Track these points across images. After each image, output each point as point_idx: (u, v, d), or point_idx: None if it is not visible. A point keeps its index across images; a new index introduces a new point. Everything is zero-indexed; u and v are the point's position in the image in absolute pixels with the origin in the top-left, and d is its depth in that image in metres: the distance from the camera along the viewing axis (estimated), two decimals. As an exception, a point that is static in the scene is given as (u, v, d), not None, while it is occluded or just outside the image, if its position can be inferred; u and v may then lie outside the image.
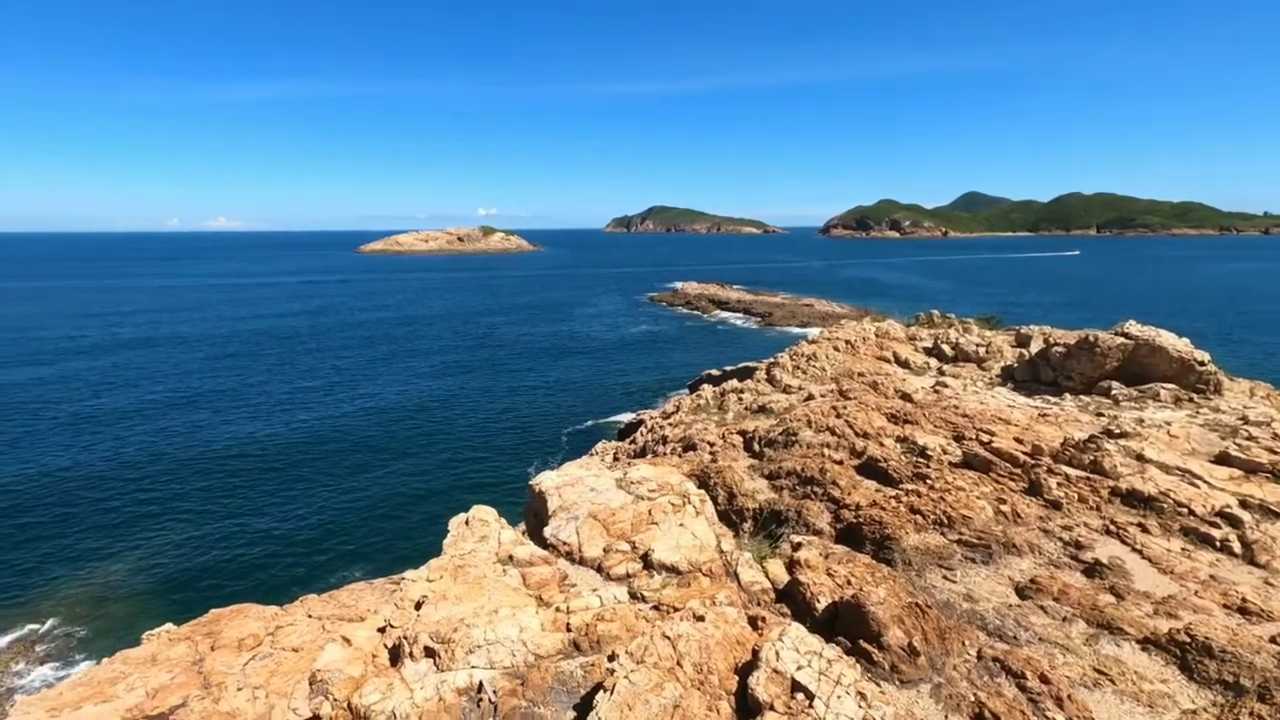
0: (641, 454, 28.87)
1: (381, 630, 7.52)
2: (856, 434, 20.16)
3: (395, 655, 6.99)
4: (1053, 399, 24.26)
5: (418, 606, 7.49)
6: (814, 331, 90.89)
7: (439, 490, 46.97)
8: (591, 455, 38.54)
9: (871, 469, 17.26)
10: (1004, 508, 14.21)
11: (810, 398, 27.90)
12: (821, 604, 8.26)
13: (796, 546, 10.36)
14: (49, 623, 32.02)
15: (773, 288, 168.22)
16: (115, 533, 39.77)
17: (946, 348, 33.12)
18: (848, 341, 35.68)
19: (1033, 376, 26.97)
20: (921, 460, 17.40)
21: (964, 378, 28.60)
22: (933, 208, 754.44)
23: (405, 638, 6.91)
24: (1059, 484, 15.14)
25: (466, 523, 9.87)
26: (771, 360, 36.55)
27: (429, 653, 6.74)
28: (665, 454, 25.12)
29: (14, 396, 68.51)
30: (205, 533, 40.05)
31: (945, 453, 17.87)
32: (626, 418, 57.09)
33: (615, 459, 30.57)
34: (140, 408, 64.29)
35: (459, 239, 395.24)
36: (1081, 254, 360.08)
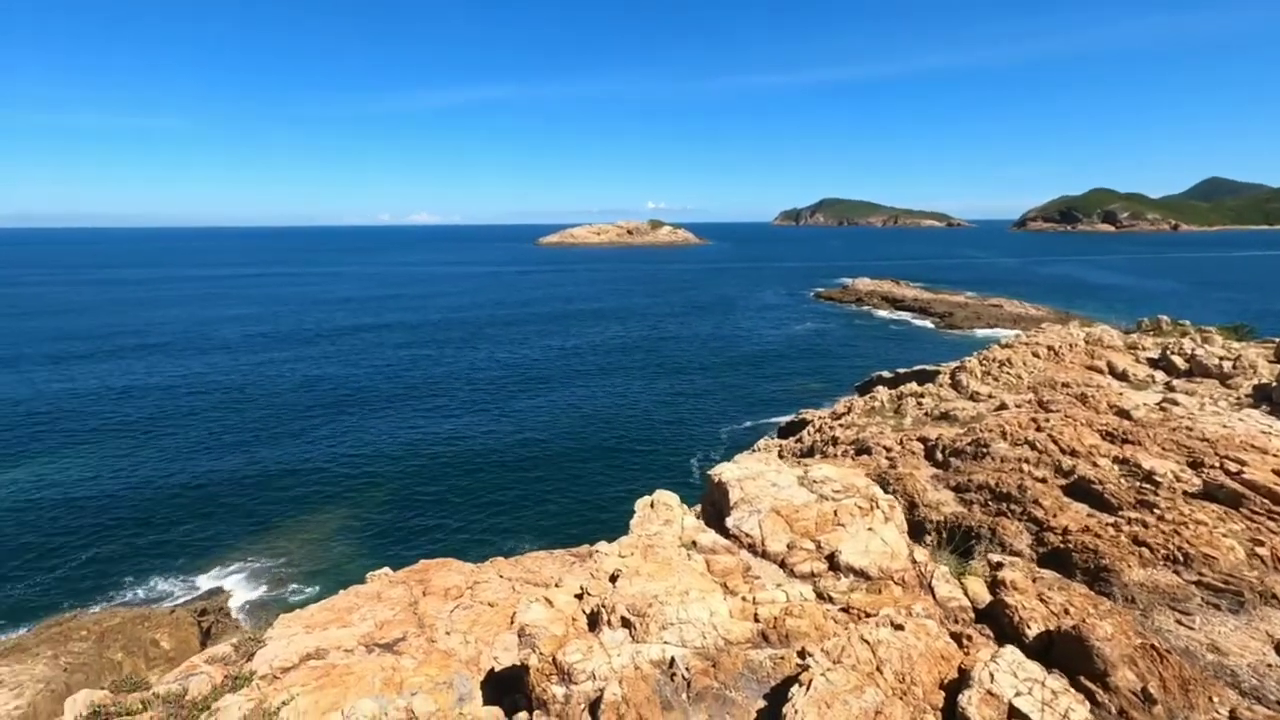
0: (809, 453, 28.10)
1: (578, 597, 8.08)
2: (1062, 450, 18.04)
3: (593, 621, 7.47)
4: (1328, 427, 19.99)
5: (613, 579, 7.95)
6: (1004, 334, 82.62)
7: (603, 476, 49.30)
8: (754, 451, 38.21)
9: (1082, 491, 15.38)
10: (1260, 550, 12.01)
11: (1003, 407, 25.42)
12: (1032, 631, 7.57)
13: (997, 566, 9.56)
14: (284, 558, 38.35)
15: (955, 286, 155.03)
16: (331, 491, 46.46)
17: (1178, 360, 28.50)
18: (1050, 347, 31.97)
19: (1300, 398, 22.41)
20: (1147, 486, 15.19)
21: (1201, 396, 24.44)
22: (1159, 197, 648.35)
23: (603, 606, 7.37)
24: (1340, 530, 12.49)
25: (651, 505, 10.27)
26: (957, 364, 33.77)
27: (625, 623, 7.13)
28: (836, 456, 24.25)
29: (269, 373, 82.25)
30: (401, 496, 45.48)
31: (1178, 480, 15.45)
32: (787, 418, 55.90)
33: (780, 457, 30.05)
34: (351, 388, 73.99)
35: (628, 232, 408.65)
36: None
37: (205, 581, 36.29)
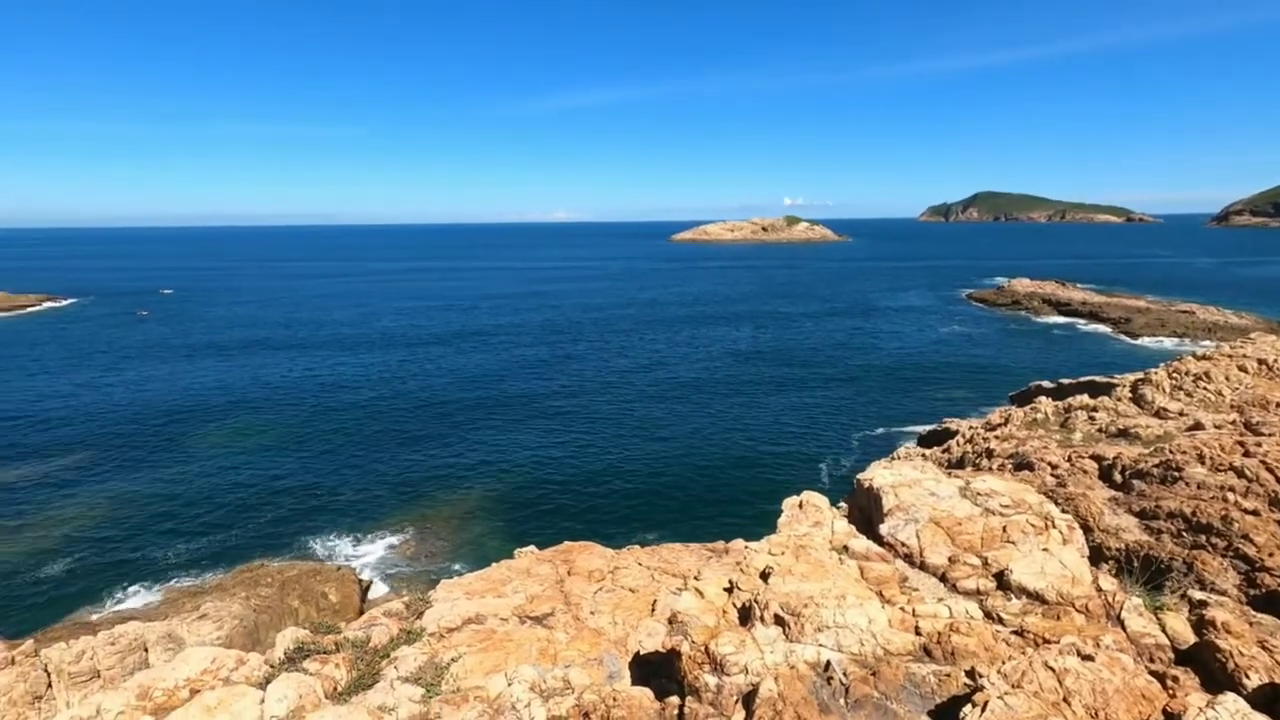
0: (958, 465, 26.28)
1: (728, 590, 8.13)
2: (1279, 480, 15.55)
3: (744, 616, 7.49)
4: None
5: (764, 576, 7.91)
6: (1196, 346, 72.52)
7: (729, 476, 48.95)
8: (893, 459, 36.30)
9: (1307, 528, 13.19)
10: None
11: (1197, 426, 22.34)
12: (1251, 681, 6.61)
13: (1200, 604, 8.44)
14: (429, 529, 41.79)
15: (1134, 289, 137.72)
16: (472, 474, 49.72)
17: None
18: (1262, 361, 27.62)
19: None
20: (1399, 529, 12.74)
21: None
22: None
23: (755, 602, 7.36)
24: None
25: (800, 505, 10.10)
26: (1139, 376, 30.07)
27: (778, 621, 7.09)
28: (990, 469, 22.48)
29: (420, 366, 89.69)
30: (532, 484, 47.86)
31: None
32: (928, 426, 52.48)
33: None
34: (491, 383, 78.38)
35: (763, 229, 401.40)
36: None
37: (364, 544, 40.39)
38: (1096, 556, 14.22)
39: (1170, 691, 5.86)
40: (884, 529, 9.40)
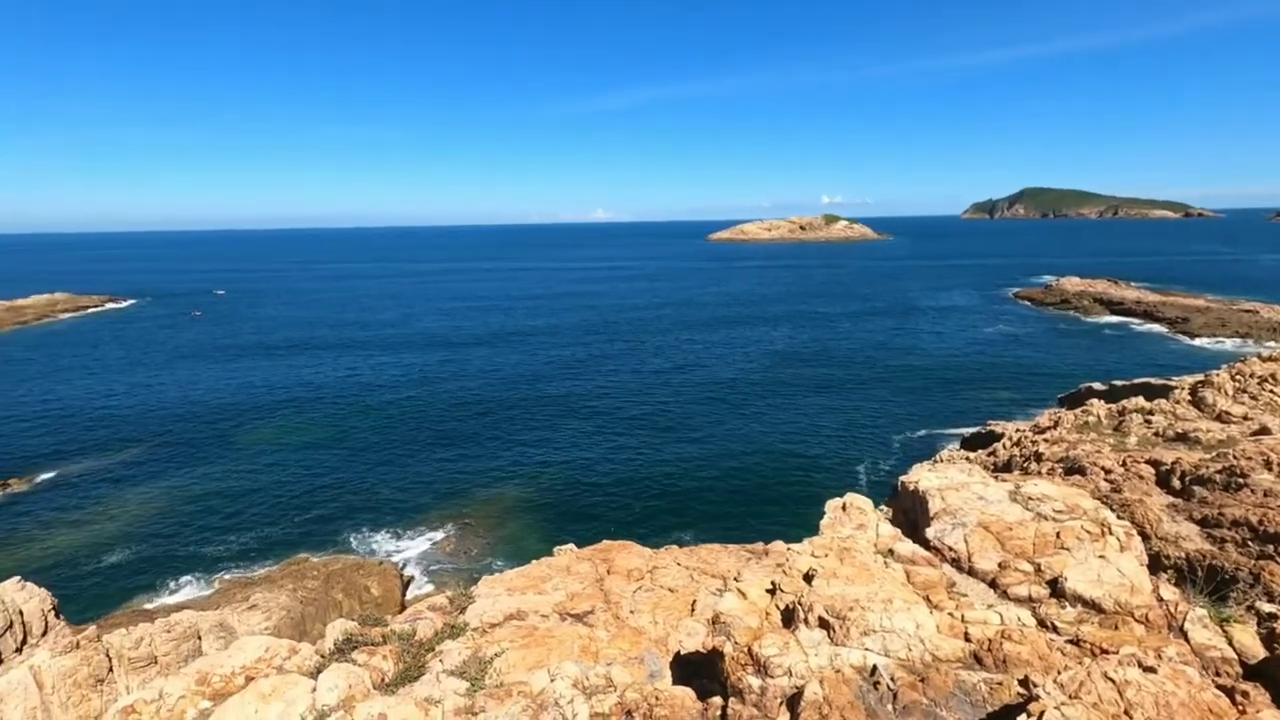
0: (1005, 468, 25.55)
1: (770, 592, 8.06)
2: (1355, 489, 14.73)
3: (788, 618, 7.42)
4: None
5: (807, 579, 7.83)
6: (1261, 347, 69.31)
7: (764, 479, 48.46)
8: (936, 462, 35.53)
9: (1387, 540, 12.46)
10: None
11: (1263, 431, 21.34)
12: (1328, 700, 6.27)
13: (1270, 616, 8.05)
14: (467, 526, 42.38)
15: (1192, 287, 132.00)
16: (507, 474, 50.23)
17: None
18: (1333, 362, 26.21)
19: None
20: None
21: None
22: None
23: (799, 604, 7.29)
24: None
25: (843, 508, 9.96)
26: (1199, 378, 28.83)
27: (823, 624, 7.01)
28: (1040, 474, 21.79)
29: (458, 368, 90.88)
30: (567, 483, 48.14)
31: None
32: (970, 429, 51.16)
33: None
34: (527, 384, 78.88)
35: (801, 227, 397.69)
36: None
37: (404, 540, 41.25)
38: (1155, 565, 13.66)
39: (1240, 707, 5.60)
40: (930, 533, 9.21)
